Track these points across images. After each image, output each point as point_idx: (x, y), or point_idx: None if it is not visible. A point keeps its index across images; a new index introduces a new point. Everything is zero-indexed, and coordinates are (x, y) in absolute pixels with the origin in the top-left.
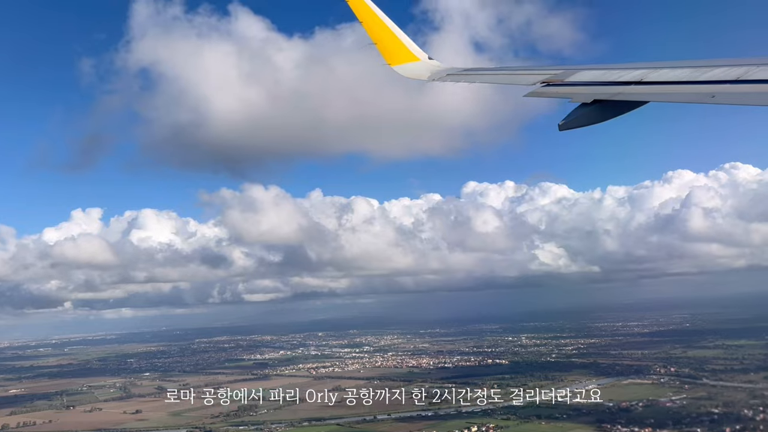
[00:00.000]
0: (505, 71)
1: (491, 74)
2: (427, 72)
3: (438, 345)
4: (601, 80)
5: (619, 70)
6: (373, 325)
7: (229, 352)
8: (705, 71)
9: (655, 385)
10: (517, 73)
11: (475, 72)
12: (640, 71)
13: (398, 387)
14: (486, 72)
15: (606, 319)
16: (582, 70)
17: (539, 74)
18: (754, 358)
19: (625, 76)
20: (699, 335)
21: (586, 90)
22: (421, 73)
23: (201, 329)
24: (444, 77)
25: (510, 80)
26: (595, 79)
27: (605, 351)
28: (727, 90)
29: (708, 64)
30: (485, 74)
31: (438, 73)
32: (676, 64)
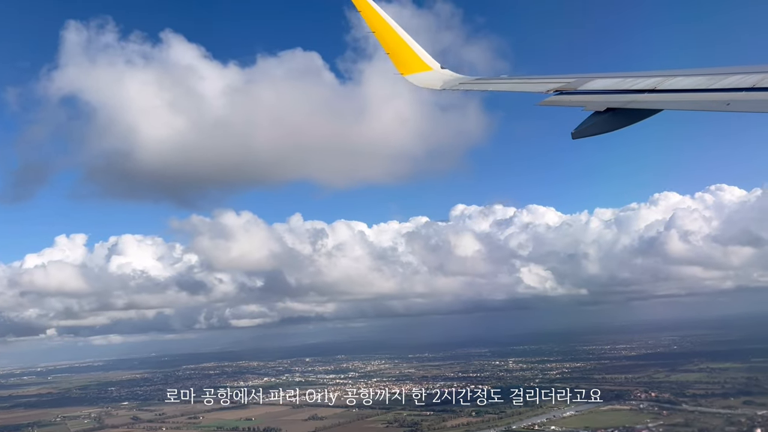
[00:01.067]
0: (517, 80)
1: (504, 83)
2: (440, 81)
3: (424, 370)
4: (615, 88)
5: (632, 78)
6: (363, 349)
7: (213, 379)
8: (720, 79)
9: (634, 411)
10: (530, 81)
11: (488, 81)
12: (653, 79)
13: (375, 416)
14: (498, 81)
15: (595, 341)
16: (595, 78)
17: (552, 83)
18: (736, 382)
19: (638, 84)
20: (685, 358)
21: (599, 98)
22: (434, 83)
23: (190, 355)
24: (457, 86)
25: (523, 89)
26: (608, 87)
27: (589, 375)
28: (743, 98)
29: (723, 72)
30: (498, 83)
31: (450, 82)
32: (690, 72)
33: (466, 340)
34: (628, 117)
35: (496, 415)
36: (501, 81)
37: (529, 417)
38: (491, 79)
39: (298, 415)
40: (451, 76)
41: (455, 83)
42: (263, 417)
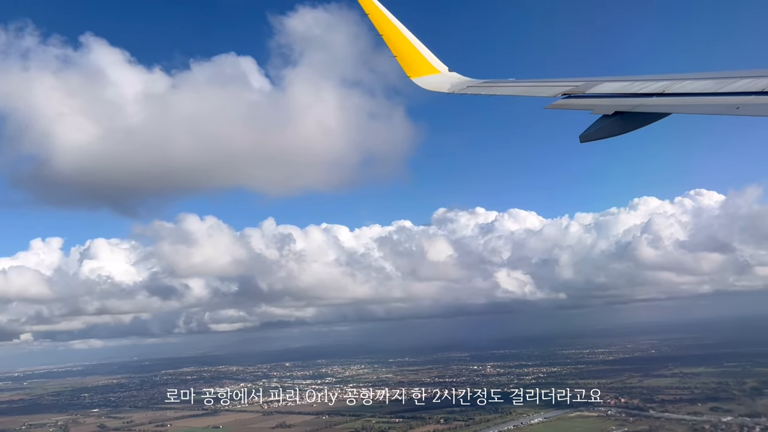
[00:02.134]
0: (525, 83)
1: (511, 86)
2: (448, 84)
3: (401, 375)
4: (623, 92)
5: (641, 82)
6: (344, 354)
7: (189, 384)
8: (729, 82)
9: (601, 418)
10: (538, 84)
11: (496, 84)
12: (662, 83)
13: (344, 423)
14: (506, 84)
15: (575, 345)
16: (603, 82)
17: (560, 86)
18: (706, 387)
19: (647, 87)
20: (660, 362)
21: (607, 102)
22: (442, 85)
23: (172, 359)
24: (464, 89)
25: (530, 92)
26: (616, 91)
27: (563, 380)
28: (752, 101)
29: (732, 75)
30: (505, 86)
31: (458, 85)
32: (699, 76)
33: (447, 344)
34: (637, 121)
35: (464, 422)
36: (509, 84)
37: (497, 424)
38: (499, 82)
39: (266, 423)
40: (458, 79)
41: (463, 86)
42: (232, 424)
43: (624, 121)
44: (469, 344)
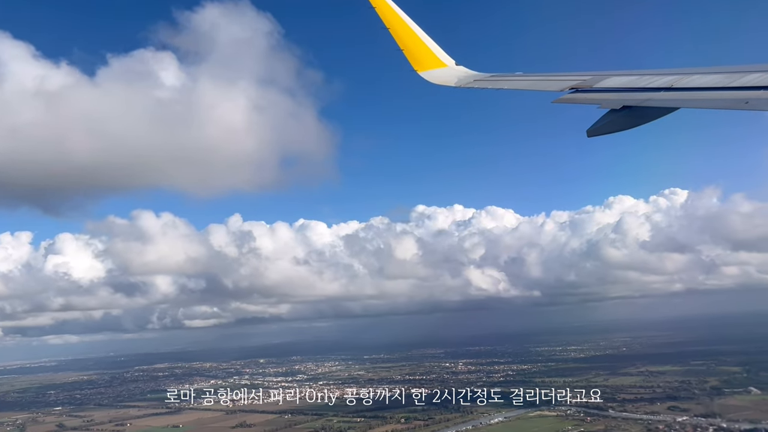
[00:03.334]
0: (532, 77)
1: (519, 80)
2: (455, 78)
3: (373, 372)
4: (631, 86)
5: (649, 76)
6: (321, 350)
7: (159, 381)
8: (738, 77)
9: (560, 418)
10: (545, 78)
11: (503, 78)
12: (670, 77)
13: (306, 422)
14: (513, 78)
15: (550, 342)
16: (611, 76)
17: (568, 80)
18: (668, 386)
19: (655, 82)
20: (629, 360)
21: (615, 96)
22: (448, 79)
23: (147, 355)
24: (471, 83)
25: (538, 86)
26: (624, 85)
27: (531, 378)
28: (762, 96)
29: (741, 70)
30: (513, 80)
31: (465, 78)
32: (707, 70)
33: (423, 340)
34: (645, 115)
35: (424, 422)
36: (516, 78)
37: (457, 423)
38: (506, 76)
39: (228, 422)
40: (465, 72)
41: (470, 80)
42: (193, 423)
43: (632, 116)
44: (444, 341)
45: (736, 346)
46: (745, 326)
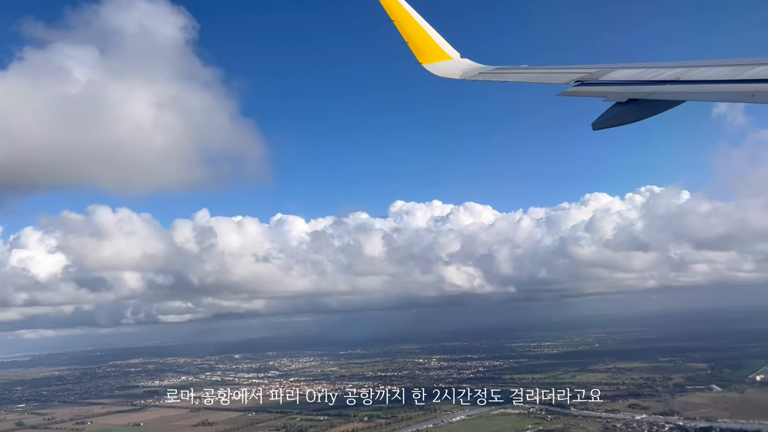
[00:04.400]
0: (538, 70)
1: (524, 73)
2: (459, 70)
3: (345, 369)
4: (637, 79)
5: (655, 69)
6: (298, 345)
7: (130, 377)
8: (745, 69)
9: (521, 416)
10: (551, 71)
11: (508, 71)
12: (676, 70)
13: (268, 420)
14: (518, 71)
15: (525, 338)
16: (617, 69)
17: (573, 73)
18: (633, 384)
19: (661, 74)
20: (599, 357)
21: (620, 89)
22: (453, 72)
23: (124, 350)
24: (476, 75)
25: (543, 79)
26: (630, 78)
27: (500, 375)
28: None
29: (748, 63)
30: (518, 73)
31: (470, 71)
32: (714, 63)
33: (401, 336)
34: (650, 108)
35: (386, 420)
36: (521, 71)
37: (418, 422)
38: (511, 69)
39: (190, 420)
40: (470, 65)
41: (475, 72)
42: (155, 421)
43: (637, 109)
44: (421, 336)
45: (705, 342)
46: (716, 322)
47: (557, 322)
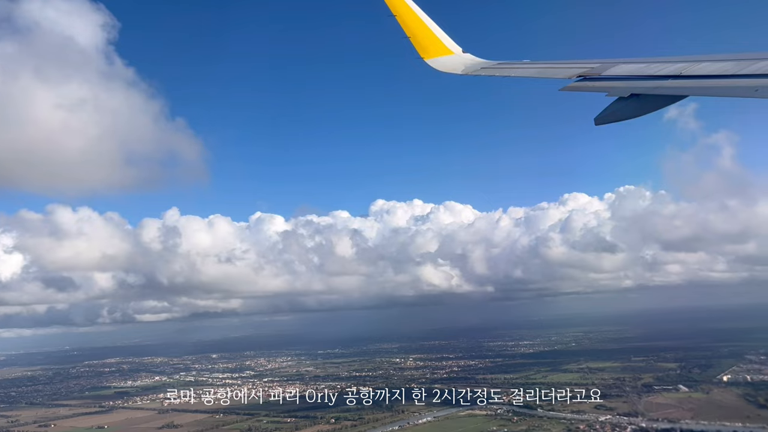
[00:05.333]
0: (540, 65)
1: (526, 68)
2: (461, 65)
3: (321, 369)
4: (639, 74)
5: (658, 64)
6: (278, 345)
7: (102, 377)
8: (748, 64)
9: (488, 417)
10: (553, 66)
11: (510, 66)
12: (679, 65)
13: (235, 422)
14: (521, 66)
15: (504, 337)
16: (619, 64)
17: (575, 68)
18: (602, 384)
19: (664, 69)
20: (574, 356)
21: (623, 84)
22: (455, 67)
23: (102, 349)
24: (478, 71)
25: (545, 74)
26: (632, 73)
27: (473, 375)
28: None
29: (751, 57)
30: (520, 68)
31: (472, 66)
32: (717, 58)
33: (382, 335)
34: (653, 103)
35: (353, 422)
36: (523, 66)
37: (385, 423)
38: (513, 64)
39: (155, 422)
40: (472, 60)
41: (477, 68)
42: (120, 424)
43: (640, 104)
44: (401, 335)
45: (678, 341)
46: (691, 321)
47: (537, 321)
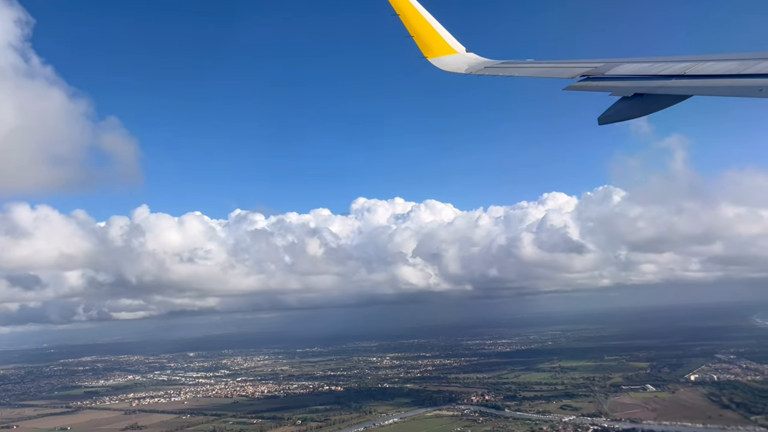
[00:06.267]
0: (544, 64)
1: (530, 67)
2: (465, 65)
3: (297, 368)
4: (643, 73)
5: (661, 63)
6: (257, 343)
7: (75, 376)
8: (752, 64)
9: (454, 418)
10: (557, 66)
11: (514, 65)
12: (683, 64)
13: (201, 423)
14: (524, 65)
15: (483, 335)
16: (623, 63)
17: (579, 67)
18: (572, 384)
19: (668, 69)
20: (548, 355)
21: (626, 83)
22: (459, 66)
23: (81, 346)
24: (482, 70)
25: (549, 73)
26: (636, 73)
27: (446, 374)
28: None
29: (756, 57)
30: (523, 67)
31: (475, 65)
32: (721, 57)
33: (363, 333)
34: (657, 103)
35: (320, 423)
36: (527, 65)
37: (351, 425)
38: (517, 63)
39: (120, 423)
40: (476, 59)
41: (480, 67)
42: (84, 425)
43: (643, 103)
44: (382, 333)
45: (653, 340)
46: (668, 320)
47: (518, 319)
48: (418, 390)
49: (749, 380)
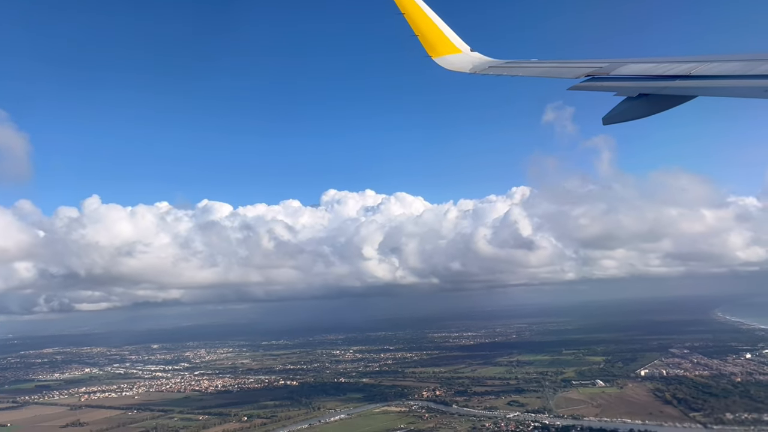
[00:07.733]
0: (549, 64)
1: (535, 67)
2: (470, 64)
3: (258, 361)
4: (648, 74)
5: (667, 64)
6: (225, 334)
7: (31, 369)
8: (757, 65)
9: (401, 414)
10: (562, 65)
11: (518, 65)
12: (688, 65)
13: (145, 419)
14: (529, 65)
15: (450, 328)
16: (628, 63)
17: (584, 67)
18: (524, 378)
19: (673, 69)
20: (508, 348)
21: (631, 84)
22: (463, 65)
23: (45, 337)
24: (486, 69)
25: (554, 73)
26: (641, 73)
27: (404, 369)
28: None
29: (760, 58)
30: (528, 67)
31: (480, 65)
32: (726, 58)
33: (331, 325)
34: (661, 103)
35: (265, 419)
36: (532, 65)
37: (297, 422)
38: (522, 63)
39: (62, 420)
40: (480, 59)
41: (485, 66)
42: (26, 422)
43: (648, 104)
44: (351, 326)
45: (613, 333)
46: (631, 314)
47: (488, 312)
48: (372, 385)
49: (696, 375)
